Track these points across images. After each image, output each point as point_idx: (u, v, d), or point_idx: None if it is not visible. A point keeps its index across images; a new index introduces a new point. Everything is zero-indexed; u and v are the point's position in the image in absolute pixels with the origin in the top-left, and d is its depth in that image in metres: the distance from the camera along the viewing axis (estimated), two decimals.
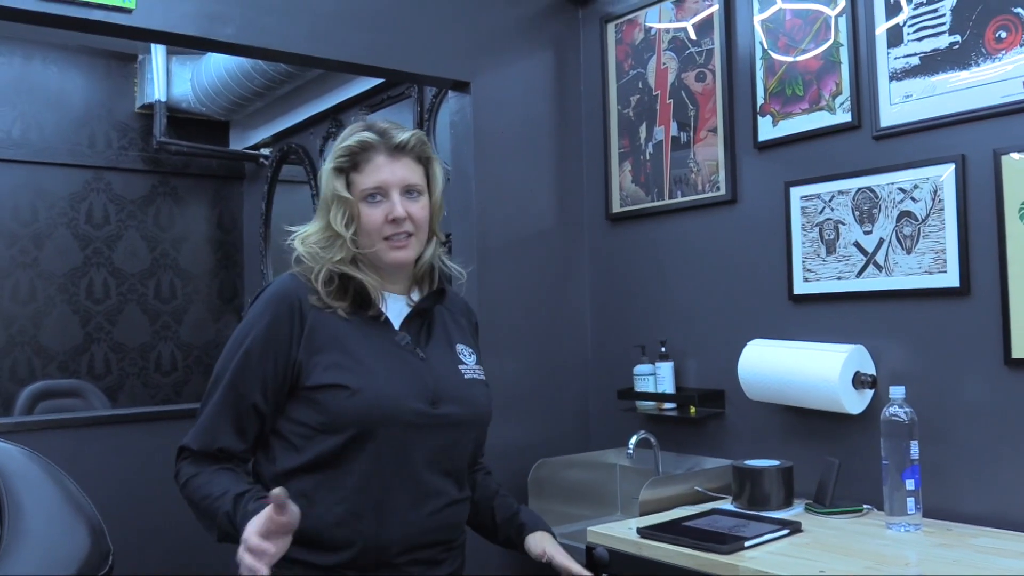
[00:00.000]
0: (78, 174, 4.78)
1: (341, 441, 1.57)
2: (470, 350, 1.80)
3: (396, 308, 1.72)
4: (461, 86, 2.83)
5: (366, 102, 4.33)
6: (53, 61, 4.70)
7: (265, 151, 5.14)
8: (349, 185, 1.68)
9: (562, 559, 1.73)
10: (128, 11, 2.18)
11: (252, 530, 1.39)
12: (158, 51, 4.66)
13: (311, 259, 1.67)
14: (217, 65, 4.39)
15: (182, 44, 2.40)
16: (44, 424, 1.97)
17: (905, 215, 2.14)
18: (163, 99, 4.74)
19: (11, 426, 1.90)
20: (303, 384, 1.60)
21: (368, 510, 1.58)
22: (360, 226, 1.67)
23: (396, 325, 1.70)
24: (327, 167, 1.70)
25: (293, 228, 1.73)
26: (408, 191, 1.68)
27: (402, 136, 1.69)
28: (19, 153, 4.59)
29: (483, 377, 1.78)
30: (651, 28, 2.81)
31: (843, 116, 2.27)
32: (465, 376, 1.74)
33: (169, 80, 4.76)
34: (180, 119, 4.92)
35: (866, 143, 2.23)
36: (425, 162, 1.73)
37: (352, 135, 1.70)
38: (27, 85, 4.63)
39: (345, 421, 1.57)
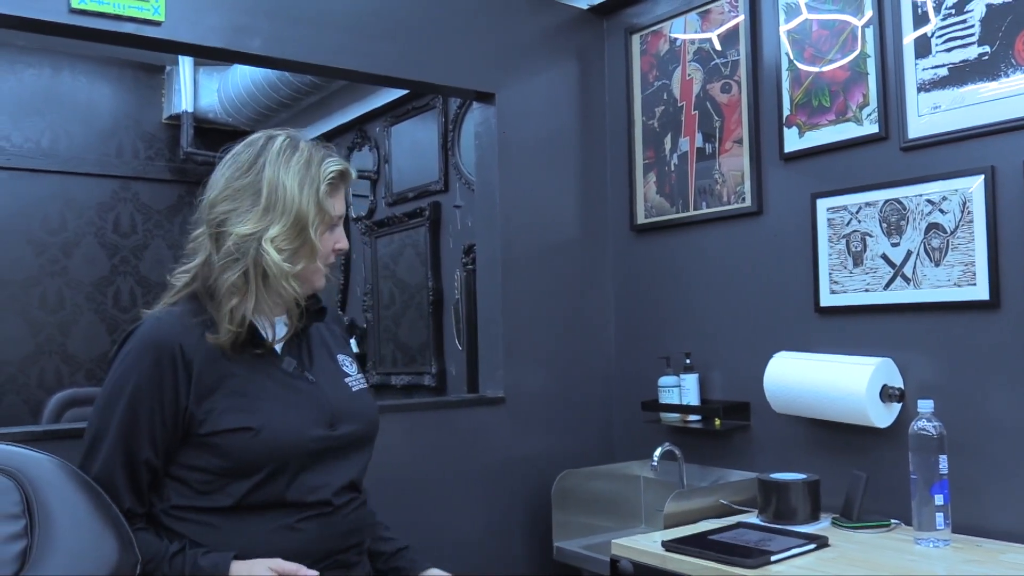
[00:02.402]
0: (106, 184, 4.83)
1: (249, 485, 1.58)
2: (350, 359, 1.84)
3: (279, 333, 1.71)
4: (486, 97, 2.84)
5: (391, 113, 4.36)
6: (82, 72, 4.76)
7: None
8: None
9: None
10: (157, 24, 2.21)
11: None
12: (185, 62, 4.71)
13: (275, 271, 1.61)
14: (244, 76, 4.42)
15: (210, 56, 2.43)
16: (72, 432, 1.97)
17: (933, 227, 2.12)
18: (190, 110, 4.79)
19: (39, 434, 1.91)
20: (197, 431, 1.58)
21: (280, 537, 1.59)
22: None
23: (279, 350, 1.70)
24: (316, 184, 1.65)
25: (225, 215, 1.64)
26: None
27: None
28: (48, 163, 4.64)
29: (366, 384, 1.83)
30: (676, 39, 2.81)
31: (870, 127, 2.26)
32: (353, 389, 1.78)
33: (196, 91, 4.80)
34: (207, 129, 4.96)
35: (894, 154, 2.21)
36: None
37: (328, 159, 1.69)
38: (56, 96, 4.69)
39: (255, 463, 1.57)
